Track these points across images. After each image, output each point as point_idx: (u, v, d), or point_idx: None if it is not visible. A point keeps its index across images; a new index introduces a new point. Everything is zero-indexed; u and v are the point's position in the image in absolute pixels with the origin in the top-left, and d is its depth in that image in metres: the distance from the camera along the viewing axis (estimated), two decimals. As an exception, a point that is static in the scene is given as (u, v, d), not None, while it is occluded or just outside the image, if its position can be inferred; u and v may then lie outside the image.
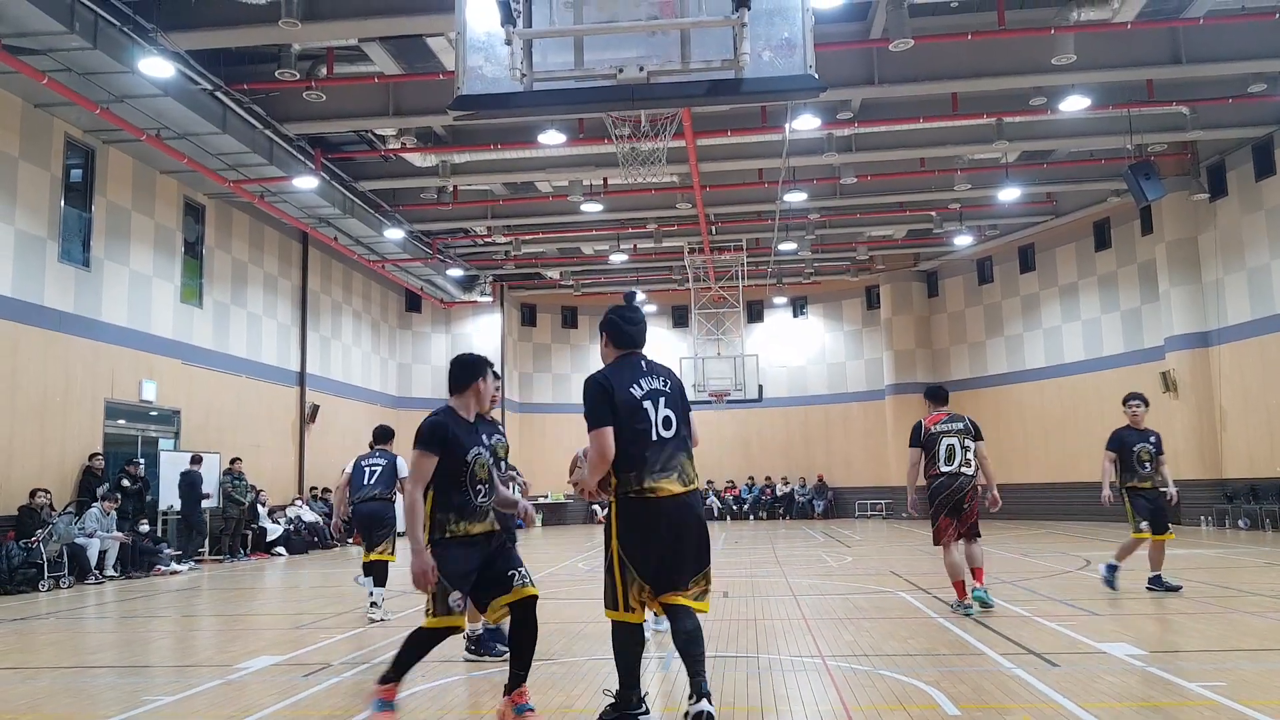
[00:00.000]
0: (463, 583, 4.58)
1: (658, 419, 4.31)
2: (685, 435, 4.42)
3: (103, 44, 12.01)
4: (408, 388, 28.18)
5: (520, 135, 17.16)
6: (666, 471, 4.27)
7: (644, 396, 4.33)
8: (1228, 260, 19.64)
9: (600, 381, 4.32)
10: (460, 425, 4.58)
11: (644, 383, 4.37)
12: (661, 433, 4.31)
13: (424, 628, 4.61)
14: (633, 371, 4.39)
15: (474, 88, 5.10)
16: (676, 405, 4.41)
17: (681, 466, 4.33)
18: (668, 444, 4.31)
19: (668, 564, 4.28)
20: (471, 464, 4.54)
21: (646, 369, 4.43)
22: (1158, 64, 14.69)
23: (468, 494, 4.55)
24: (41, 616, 9.81)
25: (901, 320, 29.03)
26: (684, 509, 4.29)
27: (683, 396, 4.49)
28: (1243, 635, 6.84)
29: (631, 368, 4.41)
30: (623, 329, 4.51)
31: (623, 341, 4.51)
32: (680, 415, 4.41)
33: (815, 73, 4.91)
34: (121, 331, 15.66)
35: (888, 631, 7.35)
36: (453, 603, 4.55)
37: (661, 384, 4.41)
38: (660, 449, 4.29)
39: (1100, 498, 9.30)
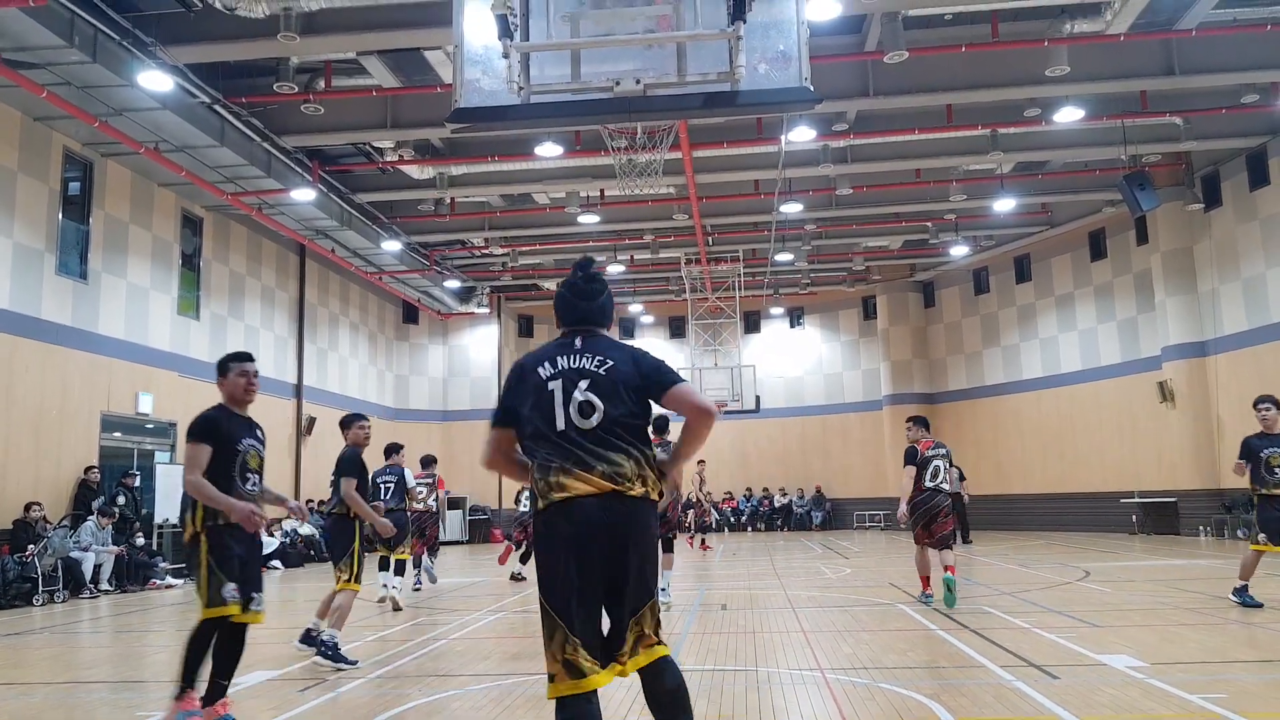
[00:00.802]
0: (232, 571, 4.87)
1: (569, 404, 3.31)
2: (628, 428, 3.31)
3: (102, 58, 12.04)
4: (405, 399, 28.14)
5: (517, 147, 17.19)
6: (578, 469, 3.23)
7: (552, 376, 3.37)
8: (1223, 270, 19.69)
9: (515, 365, 3.52)
10: (232, 420, 5.12)
11: (561, 361, 3.40)
12: (575, 421, 3.30)
13: (201, 620, 4.91)
14: (554, 349, 3.46)
15: (471, 100, 5.11)
16: (610, 390, 3.32)
17: (610, 463, 3.23)
18: (584, 435, 3.27)
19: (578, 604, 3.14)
20: (243, 454, 5.01)
21: (581, 347, 3.42)
22: (1151, 75, 14.76)
23: (237, 483, 4.95)
24: (36, 631, 9.75)
25: (898, 331, 29.07)
26: (609, 512, 3.19)
27: (641, 377, 3.37)
28: (1243, 646, 6.83)
29: (556, 346, 3.48)
30: (562, 300, 3.57)
31: (564, 316, 3.56)
32: (616, 403, 3.30)
33: (811, 85, 4.93)
34: (118, 344, 15.63)
35: (887, 644, 7.33)
36: (226, 593, 4.83)
37: (593, 364, 3.37)
38: (567, 442, 3.27)
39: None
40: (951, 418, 27.96)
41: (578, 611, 3.13)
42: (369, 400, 25.84)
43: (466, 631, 8.71)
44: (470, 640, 8.19)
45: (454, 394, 28.86)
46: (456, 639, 8.25)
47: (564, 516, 3.19)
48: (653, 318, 31.89)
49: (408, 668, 6.86)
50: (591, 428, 3.28)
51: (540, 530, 3.26)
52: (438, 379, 28.92)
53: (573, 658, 3.09)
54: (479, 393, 28.83)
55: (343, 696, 5.86)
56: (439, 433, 28.35)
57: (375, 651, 7.63)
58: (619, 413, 3.30)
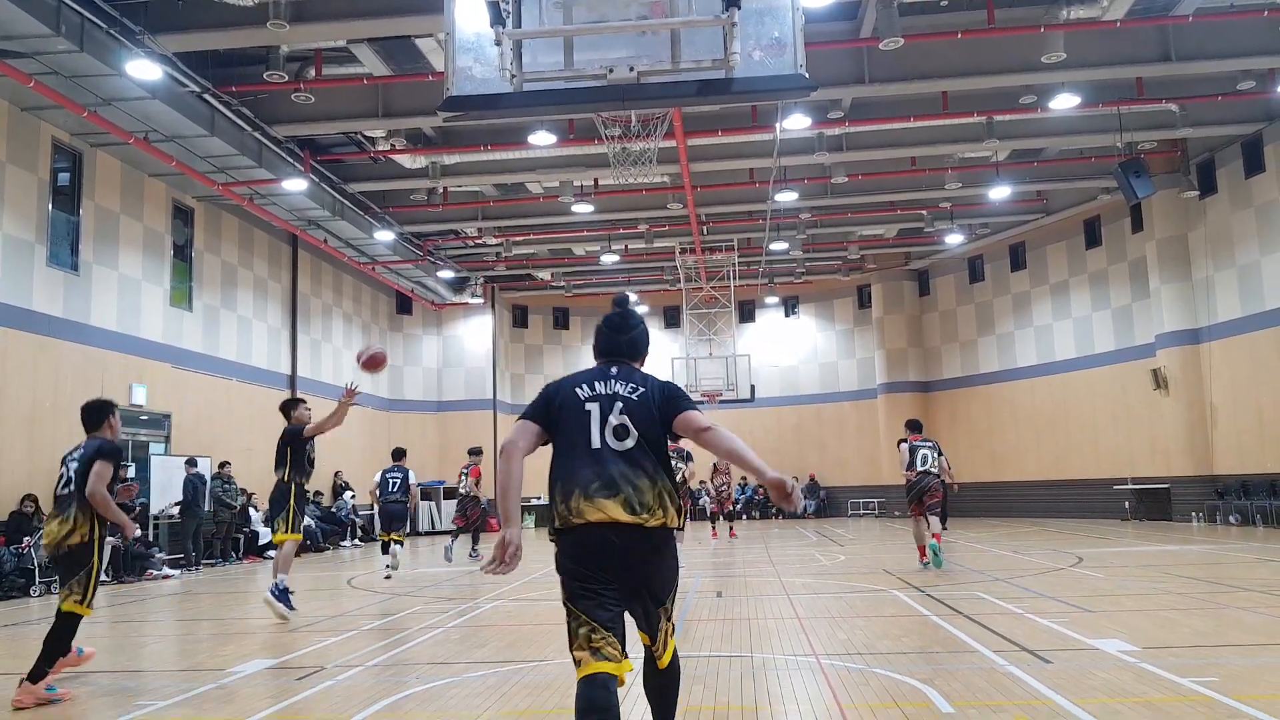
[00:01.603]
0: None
1: (605, 426, 3.47)
2: (656, 454, 3.46)
3: (89, 47, 11.94)
4: (399, 390, 28.10)
5: (510, 136, 17.13)
6: (607, 491, 3.36)
7: (590, 398, 3.54)
8: (1218, 257, 19.72)
9: (549, 384, 3.71)
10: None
11: (599, 385, 3.58)
12: (609, 442, 3.45)
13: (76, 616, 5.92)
14: (592, 375, 3.64)
15: (464, 88, 5.09)
16: (643, 416, 3.48)
17: (639, 494, 3.37)
18: (617, 457, 3.42)
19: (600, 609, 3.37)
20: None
21: (616, 374, 3.61)
22: (1147, 62, 14.74)
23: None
24: (33, 622, 9.74)
25: (893, 319, 29.09)
26: (628, 540, 3.36)
27: (662, 407, 3.52)
28: (1234, 630, 6.87)
29: (594, 372, 3.66)
30: (601, 335, 3.81)
31: (600, 348, 3.79)
32: (648, 429, 3.47)
33: (805, 72, 4.91)
34: (111, 336, 15.58)
35: (881, 630, 7.36)
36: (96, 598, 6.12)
37: (626, 390, 3.54)
38: (601, 460, 3.42)
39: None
40: (946, 406, 28.03)
41: (597, 614, 3.36)
42: (363, 390, 25.75)
43: (464, 619, 8.72)
44: (468, 628, 8.21)
45: (448, 384, 28.82)
46: (454, 627, 8.26)
47: (583, 542, 3.40)
48: (647, 307, 31.84)
49: (405, 655, 6.87)
50: (626, 450, 3.44)
51: (562, 548, 3.45)
52: (432, 369, 28.87)
53: (599, 646, 3.32)
54: (473, 383, 28.80)
55: (340, 684, 5.87)
56: (433, 423, 28.35)
57: (373, 640, 7.64)
58: (650, 438, 3.48)
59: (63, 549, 5.99)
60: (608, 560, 3.37)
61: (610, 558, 3.37)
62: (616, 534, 3.35)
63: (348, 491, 22.96)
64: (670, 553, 3.54)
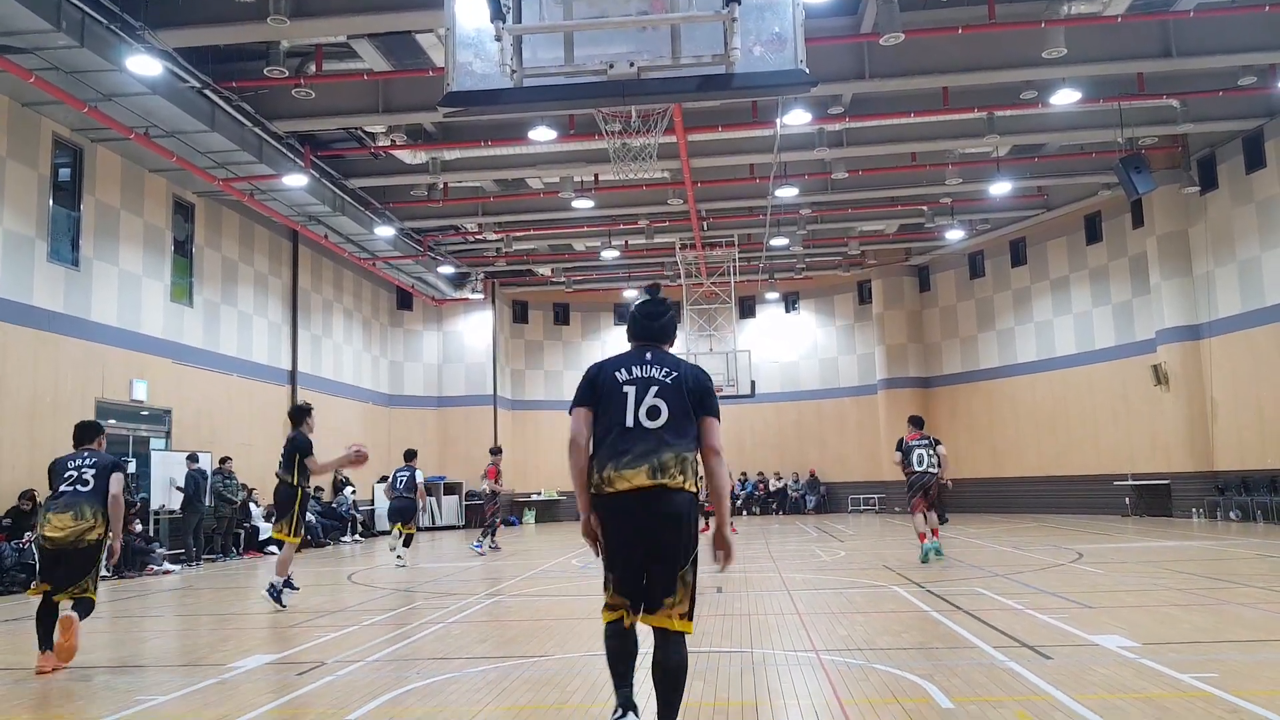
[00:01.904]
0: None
1: (640, 406, 3.94)
2: (682, 431, 3.93)
3: (90, 42, 11.93)
4: (399, 386, 28.11)
5: (511, 132, 17.11)
6: (636, 462, 3.85)
7: (627, 381, 4.01)
8: (1218, 253, 19.71)
9: (592, 367, 4.19)
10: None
11: (636, 369, 4.04)
12: (643, 421, 3.92)
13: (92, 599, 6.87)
14: (629, 359, 4.11)
15: (464, 84, 5.09)
16: (675, 398, 3.97)
17: (661, 462, 3.85)
18: (648, 434, 3.89)
19: (627, 568, 3.91)
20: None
21: (651, 359, 4.08)
22: (1148, 57, 14.71)
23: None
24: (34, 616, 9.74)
25: (893, 315, 29.07)
26: (650, 505, 3.84)
27: (693, 393, 4.01)
28: (1234, 626, 6.88)
29: (631, 356, 4.13)
30: (634, 320, 4.27)
31: (634, 333, 4.25)
32: (678, 409, 3.95)
33: (806, 67, 4.91)
34: (111, 331, 15.58)
35: (881, 625, 7.37)
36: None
37: (661, 374, 4.02)
38: (634, 438, 3.89)
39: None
40: (946, 401, 28.03)
41: (622, 571, 3.95)
42: (363, 386, 25.80)
43: (464, 615, 8.74)
44: (468, 624, 8.22)
45: (448, 380, 28.82)
46: (454, 622, 8.28)
47: (615, 506, 3.92)
48: (648, 302, 31.80)
49: (405, 651, 6.88)
50: (656, 428, 3.94)
51: (598, 512, 3.98)
52: (432, 365, 28.87)
53: (615, 601, 3.97)
54: (474, 379, 28.80)
55: (340, 679, 5.88)
56: (433, 419, 28.36)
57: (374, 635, 7.65)
58: (678, 417, 3.97)
59: (82, 543, 6.60)
60: (632, 522, 3.89)
61: (634, 519, 3.89)
62: (640, 499, 3.86)
63: (348, 487, 22.99)
64: (689, 519, 3.95)
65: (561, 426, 23.36)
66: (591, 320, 31.95)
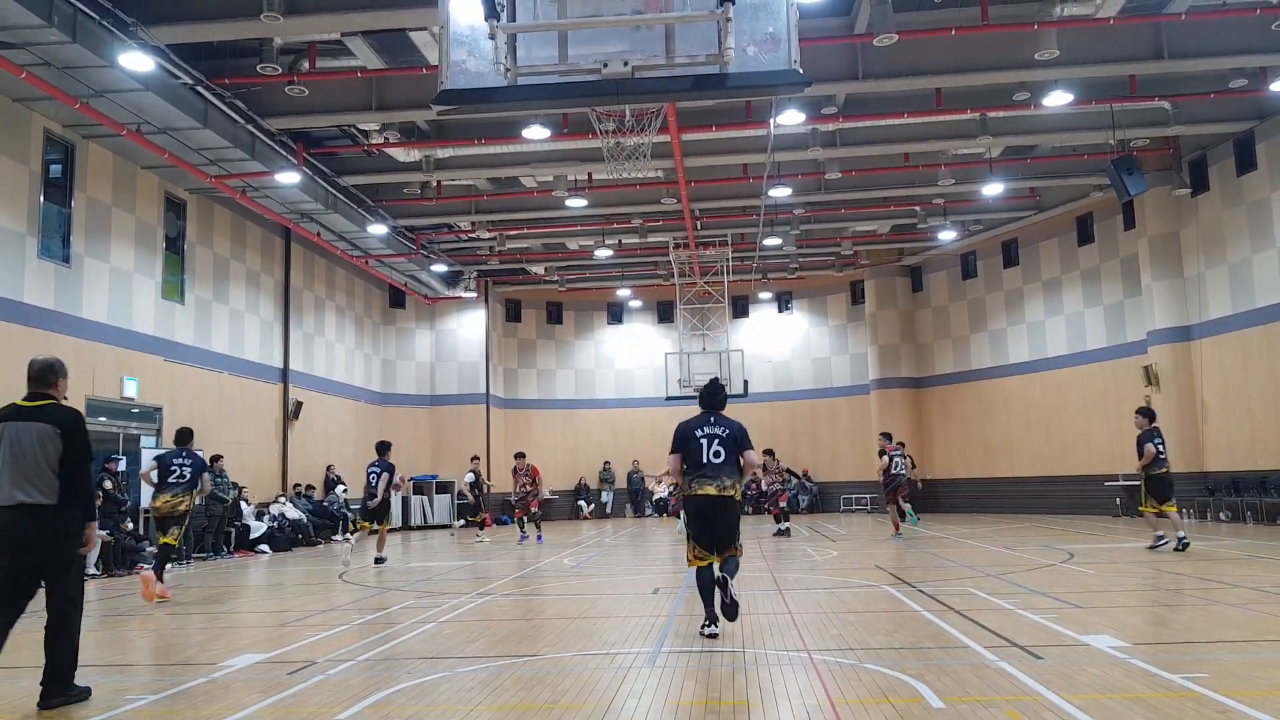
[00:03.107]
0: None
1: (709, 450, 7.06)
2: (732, 463, 7.07)
3: (82, 38, 11.86)
4: (392, 384, 28.05)
5: (504, 130, 17.08)
6: (706, 480, 7.01)
7: (701, 436, 7.11)
8: (1209, 255, 19.79)
9: (680, 426, 7.27)
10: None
11: (705, 429, 7.15)
12: (710, 459, 7.04)
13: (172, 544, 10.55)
14: (700, 421, 7.23)
15: (457, 82, 5.07)
16: (728, 445, 7.07)
17: (720, 479, 7.00)
18: (713, 465, 7.03)
19: (705, 536, 7.09)
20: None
21: (714, 421, 7.20)
22: (1140, 59, 14.76)
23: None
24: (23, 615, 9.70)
25: (886, 315, 29.12)
26: (714, 505, 7.00)
27: (737, 441, 7.11)
28: (1224, 627, 6.91)
29: (702, 419, 7.24)
30: (704, 395, 7.45)
31: (704, 403, 7.41)
32: (729, 450, 7.05)
33: (800, 68, 4.91)
34: (102, 328, 15.50)
35: (873, 625, 7.39)
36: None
37: (719, 431, 7.12)
38: (705, 468, 7.04)
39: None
40: (938, 401, 28.10)
41: (701, 538, 7.06)
42: (355, 384, 25.75)
43: (455, 614, 8.72)
44: (459, 623, 8.21)
45: (441, 378, 28.77)
46: (445, 622, 8.26)
47: (697, 502, 7.05)
48: (641, 302, 31.84)
49: (396, 650, 6.87)
50: (718, 464, 7.03)
51: (687, 506, 7.25)
52: (425, 363, 28.81)
53: (701, 554, 7.04)
54: (466, 377, 28.75)
55: (331, 678, 5.86)
56: (426, 417, 28.31)
57: (365, 634, 7.63)
58: (729, 457, 7.07)
59: (176, 512, 10.78)
60: (707, 513, 7.04)
61: (708, 511, 7.03)
62: (710, 500, 6.99)
63: (339, 485, 22.94)
64: (736, 513, 7.07)
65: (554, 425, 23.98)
66: (585, 319, 31.93)
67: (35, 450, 5.35)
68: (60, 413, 5.52)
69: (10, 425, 5.39)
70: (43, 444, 5.35)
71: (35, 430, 5.38)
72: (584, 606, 9.28)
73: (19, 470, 5.31)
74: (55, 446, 5.36)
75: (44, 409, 5.51)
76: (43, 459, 5.34)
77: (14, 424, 5.39)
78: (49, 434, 5.37)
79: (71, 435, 5.43)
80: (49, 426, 5.40)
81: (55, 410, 5.54)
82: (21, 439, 5.36)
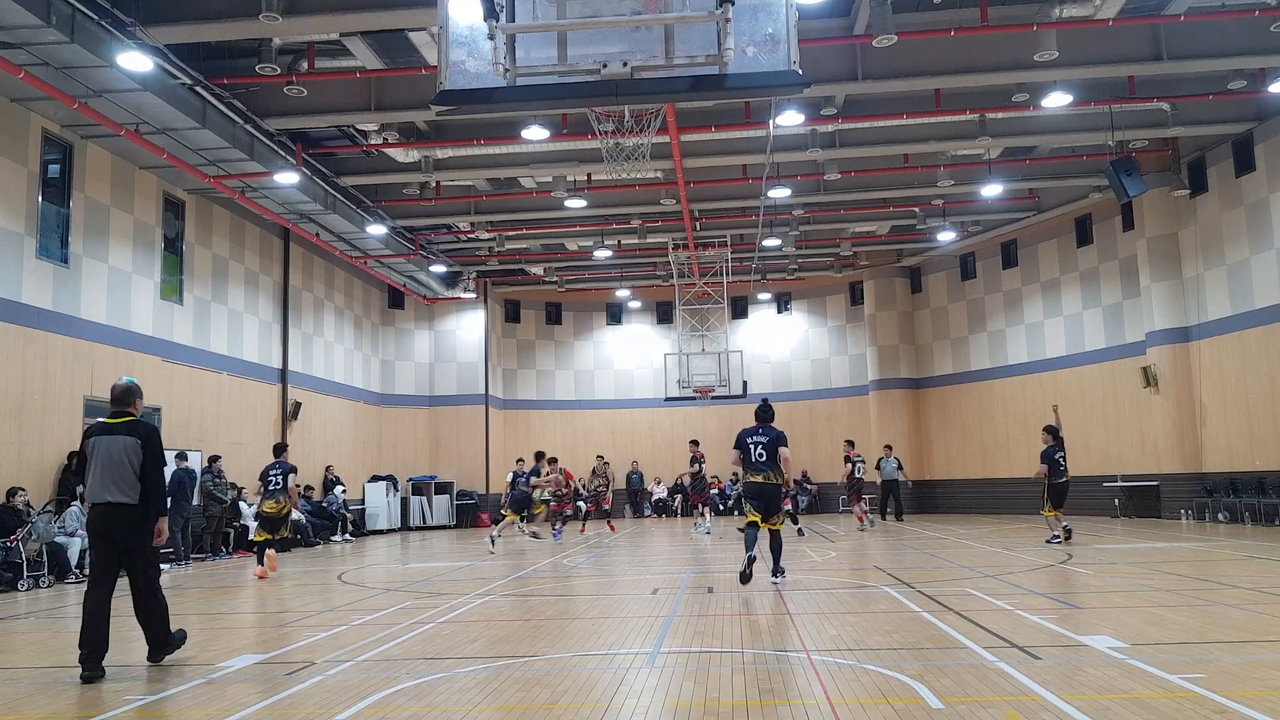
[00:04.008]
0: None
1: (755, 452, 10.01)
2: (775, 461, 9.98)
3: (80, 38, 11.86)
4: (391, 384, 28.04)
5: (503, 130, 17.08)
6: (756, 471, 9.98)
7: (752, 442, 10.07)
8: (1208, 256, 19.81)
9: (740, 433, 10.27)
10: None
11: (755, 437, 10.09)
12: (757, 458, 9.99)
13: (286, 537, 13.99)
14: (752, 430, 10.19)
15: (456, 83, 5.08)
16: (769, 448, 10.00)
17: (765, 471, 9.95)
18: (761, 463, 9.98)
19: (755, 507, 10.01)
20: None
21: (761, 431, 10.13)
22: (1139, 60, 14.78)
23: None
24: (21, 616, 9.70)
25: (885, 316, 29.13)
26: (760, 488, 10.00)
27: (775, 443, 10.02)
28: (1222, 627, 6.91)
29: (753, 429, 10.20)
30: (758, 412, 10.44)
31: (758, 417, 10.36)
32: (771, 450, 9.98)
33: (799, 68, 4.91)
34: (101, 329, 15.49)
35: (871, 626, 7.39)
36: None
37: (763, 437, 10.06)
38: (755, 463, 9.99)
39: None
40: (937, 402, 28.10)
41: (754, 510, 10.05)
42: (354, 385, 25.74)
43: (454, 615, 8.72)
44: (458, 624, 8.20)
45: (440, 379, 28.76)
46: (444, 622, 8.26)
47: (749, 486, 10.10)
48: (640, 303, 31.84)
49: (395, 651, 6.86)
50: (764, 461, 9.97)
51: (745, 488, 10.26)
52: (424, 364, 28.80)
53: (753, 518, 9.99)
54: (465, 378, 28.74)
55: (330, 679, 5.86)
56: (425, 418, 28.30)
57: (364, 635, 7.63)
58: (771, 457, 10.00)
59: (280, 514, 13.26)
60: (754, 493, 10.01)
61: (755, 492, 9.99)
62: (757, 486, 9.98)
63: (338, 486, 22.93)
64: (778, 494, 10.08)
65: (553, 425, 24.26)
66: (584, 320, 31.93)
67: (122, 458, 6.49)
68: (141, 428, 6.69)
69: (100, 439, 6.57)
70: (128, 454, 6.49)
71: (121, 443, 6.53)
72: (583, 607, 9.28)
73: (108, 475, 6.47)
74: (138, 456, 6.52)
75: (127, 425, 6.67)
76: (128, 466, 6.49)
77: (103, 438, 6.57)
78: (133, 446, 6.53)
79: (150, 446, 6.63)
80: (133, 439, 6.55)
81: (136, 426, 6.70)
82: (110, 450, 6.50)
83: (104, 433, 6.64)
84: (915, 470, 27.94)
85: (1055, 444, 15.31)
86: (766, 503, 9.91)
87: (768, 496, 9.89)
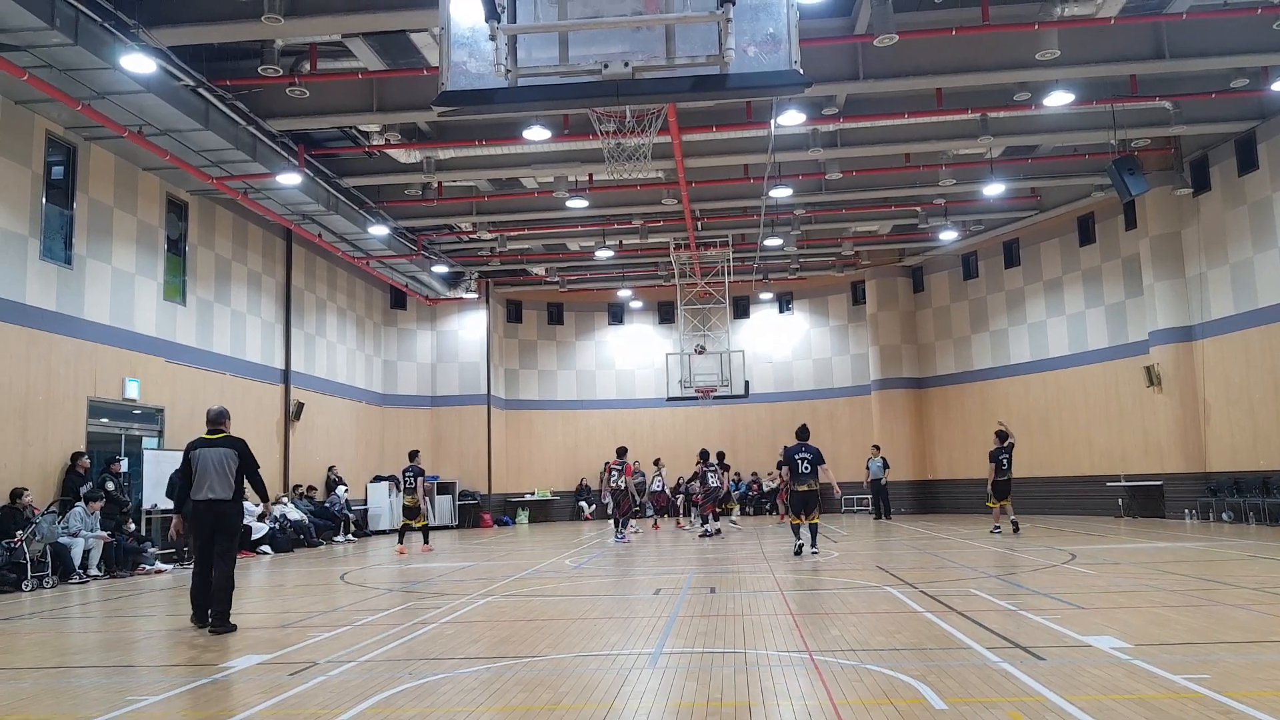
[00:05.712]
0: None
1: (801, 466, 13.43)
2: (816, 470, 13.45)
3: (84, 40, 11.88)
4: (393, 385, 28.06)
5: (505, 131, 17.09)
6: (803, 480, 13.48)
7: (800, 458, 13.46)
8: (1211, 255, 19.77)
9: (786, 450, 14.12)
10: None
11: (802, 453, 13.50)
12: (804, 470, 13.44)
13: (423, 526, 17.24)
14: (797, 447, 13.61)
15: (458, 83, 5.08)
16: (814, 460, 13.45)
17: (808, 482, 13.41)
18: (807, 475, 13.45)
19: (800, 509, 13.67)
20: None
21: (804, 448, 13.56)
22: (1141, 59, 14.76)
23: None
24: (25, 617, 9.72)
25: (887, 315, 29.10)
26: (807, 495, 13.56)
27: (817, 456, 13.52)
28: (1227, 628, 6.90)
29: (797, 446, 13.63)
30: (799, 433, 13.99)
31: (799, 436, 13.86)
32: (815, 463, 13.45)
33: (800, 68, 4.91)
34: (104, 330, 15.52)
35: (874, 626, 7.38)
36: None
37: (807, 454, 13.48)
38: (803, 475, 13.47)
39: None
40: (940, 402, 28.08)
41: (800, 510, 13.82)
42: (357, 386, 25.76)
43: (457, 615, 8.73)
44: (460, 624, 8.21)
45: (442, 379, 28.78)
46: (447, 623, 8.27)
47: (798, 494, 13.76)
48: (641, 303, 31.84)
49: (398, 651, 6.87)
50: (810, 474, 13.56)
51: (792, 496, 14.00)
52: (426, 364, 28.82)
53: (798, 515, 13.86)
54: (467, 378, 28.76)
55: (333, 680, 5.86)
56: (427, 418, 28.32)
57: (366, 635, 7.63)
58: (815, 469, 13.59)
59: (419, 507, 17.14)
60: (802, 499, 13.71)
61: (802, 498, 13.71)
62: (804, 494, 13.67)
63: (340, 486, 22.95)
64: (817, 497, 13.74)
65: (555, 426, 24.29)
66: (585, 320, 31.94)
67: (221, 465, 8.30)
68: (234, 441, 8.51)
69: (202, 450, 8.35)
70: (225, 461, 8.30)
71: (219, 453, 8.34)
72: (585, 607, 9.28)
73: (209, 478, 8.25)
74: (234, 463, 8.34)
75: (223, 439, 8.49)
76: (226, 470, 8.29)
77: (204, 449, 8.35)
78: (230, 455, 8.35)
79: (244, 454, 8.46)
80: (229, 450, 8.38)
81: (230, 440, 8.51)
82: (210, 459, 8.29)
83: (204, 445, 8.39)
84: (918, 470, 27.93)
85: (1000, 446, 17.61)
86: (810, 504, 13.57)
87: (810, 501, 13.55)
